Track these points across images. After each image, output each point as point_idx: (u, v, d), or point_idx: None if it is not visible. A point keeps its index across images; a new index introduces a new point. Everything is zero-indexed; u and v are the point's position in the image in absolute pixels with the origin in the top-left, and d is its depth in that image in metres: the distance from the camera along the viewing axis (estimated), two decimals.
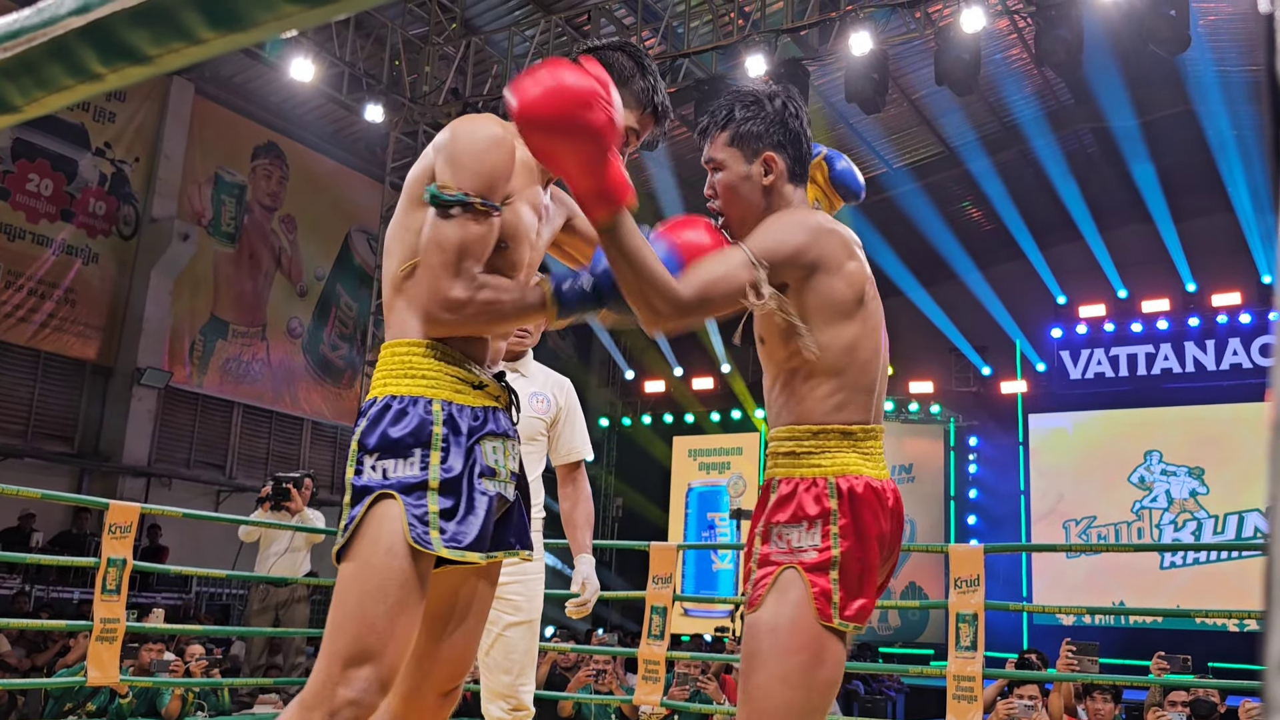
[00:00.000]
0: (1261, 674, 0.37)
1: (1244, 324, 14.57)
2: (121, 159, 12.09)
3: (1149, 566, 14.31)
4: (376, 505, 1.79)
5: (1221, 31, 12.42)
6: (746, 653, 1.88)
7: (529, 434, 3.23)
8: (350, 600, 1.75)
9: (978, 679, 4.38)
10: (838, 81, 10.87)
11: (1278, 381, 0.38)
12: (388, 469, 1.80)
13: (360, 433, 1.84)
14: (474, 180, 1.85)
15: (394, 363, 1.88)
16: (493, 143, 1.88)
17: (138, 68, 0.68)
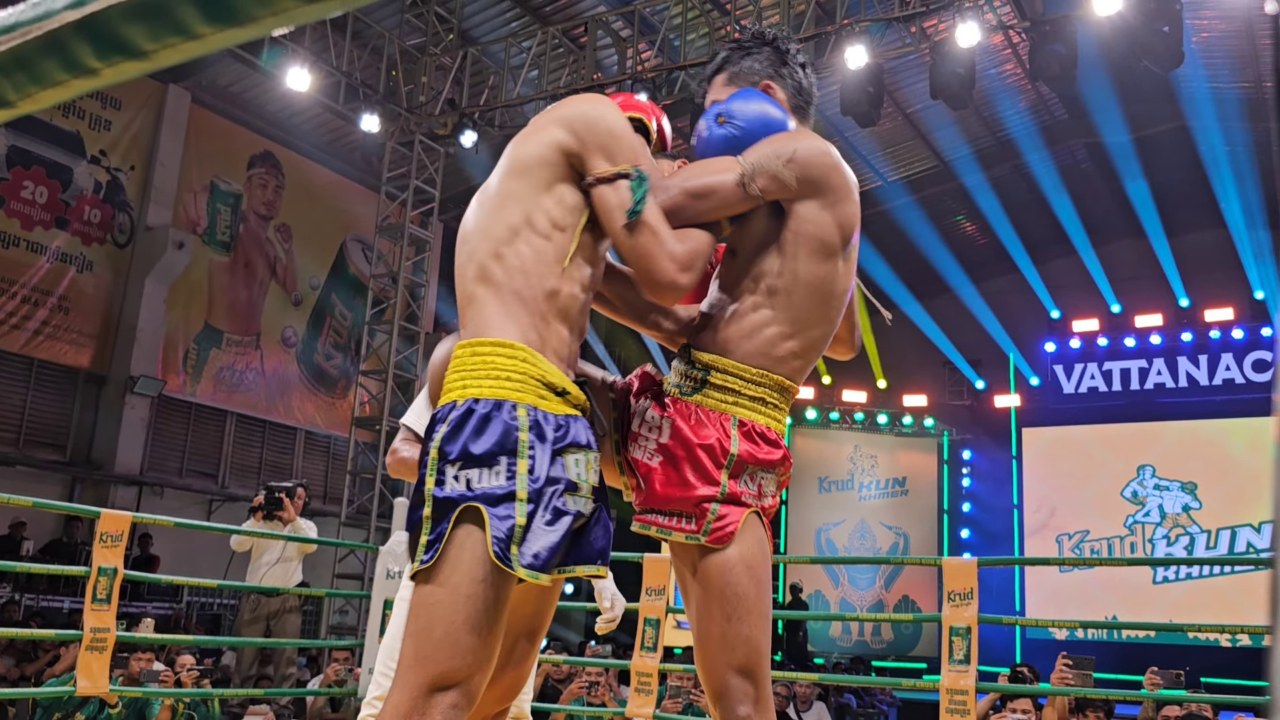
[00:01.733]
0: (1268, 685, 0.36)
1: (1237, 339, 14.62)
2: (117, 167, 12.07)
3: (1142, 581, 14.32)
4: (462, 520, 1.67)
5: (1215, 48, 12.49)
6: (728, 592, 1.85)
7: None
8: (438, 628, 1.64)
9: (970, 693, 4.37)
10: (833, 95, 10.89)
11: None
12: (472, 479, 1.68)
13: (440, 439, 1.71)
14: (634, 157, 1.81)
15: (475, 363, 1.76)
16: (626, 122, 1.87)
17: (134, 63, 0.68)
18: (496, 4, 12.10)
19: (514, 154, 1.85)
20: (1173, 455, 14.65)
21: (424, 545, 1.68)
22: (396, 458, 3.28)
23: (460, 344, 1.79)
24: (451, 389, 1.75)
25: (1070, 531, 15.04)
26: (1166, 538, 14.51)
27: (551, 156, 1.79)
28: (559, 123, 1.82)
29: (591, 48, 11.11)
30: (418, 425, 3.27)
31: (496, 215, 1.80)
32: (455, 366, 1.77)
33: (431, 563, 1.66)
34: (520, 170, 1.81)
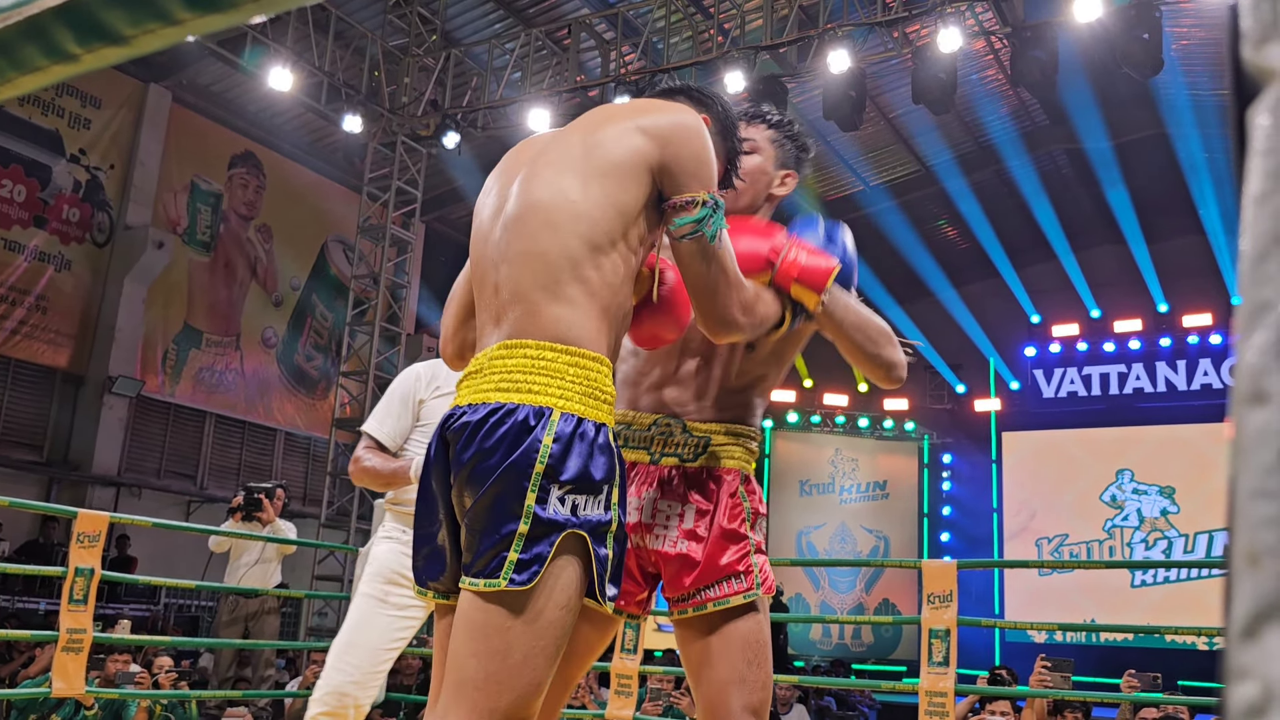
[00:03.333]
0: (1225, 639, 0.37)
1: (1215, 345, 14.73)
2: (96, 166, 12.00)
3: (1120, 584, 14.41)
4: (563, 546, 1.55)
5: (1194, 56, 12.59)
6: (753, 637, 1.95)
7: None
8: (517, 653, 1.53)
9: (950, 695, 4.39)
10: (815, 99, 10.93)
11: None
12: (579, 505, 1.56)
13: (549, 455, 1.55)
14: (713, 184, 1.74)
15: (575, 374, 1.60)
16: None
17: (114, 49, 0.67)
18: (480, 5, 12.09)
19: (596, 152, 1.70)
20: (1151, 460, 14.75)
21: (515, 563, 1.53)
22: (361, 466, 3.15)
23: (550, 345, 1.61)
24: (548, 394, 1.59)
25: (1049, 535, 15.11)
26: (1145, 541, 14.60)
27: (639, 168, 1.68)
28: (649, 134, 1.70)
29: (575, 50, 11.11)
30: (382, 433, 3.17)
31: (587, 215, 1.66)
32: (547, 369, 1.60)
33: (526, 585, 1.53)
34: (608, 173, 1.68)
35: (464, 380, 1.69)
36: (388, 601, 3.01)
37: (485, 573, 1.54)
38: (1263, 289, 0.36)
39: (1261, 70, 0.37)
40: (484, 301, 1.74)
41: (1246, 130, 0.38)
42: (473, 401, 1.62)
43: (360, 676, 2.93)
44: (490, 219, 1.78)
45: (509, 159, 1.87)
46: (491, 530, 1.55)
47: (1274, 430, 0.35)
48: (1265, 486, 0.35)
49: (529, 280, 1.65)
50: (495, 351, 1.64)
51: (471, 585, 1.56)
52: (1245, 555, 0.35)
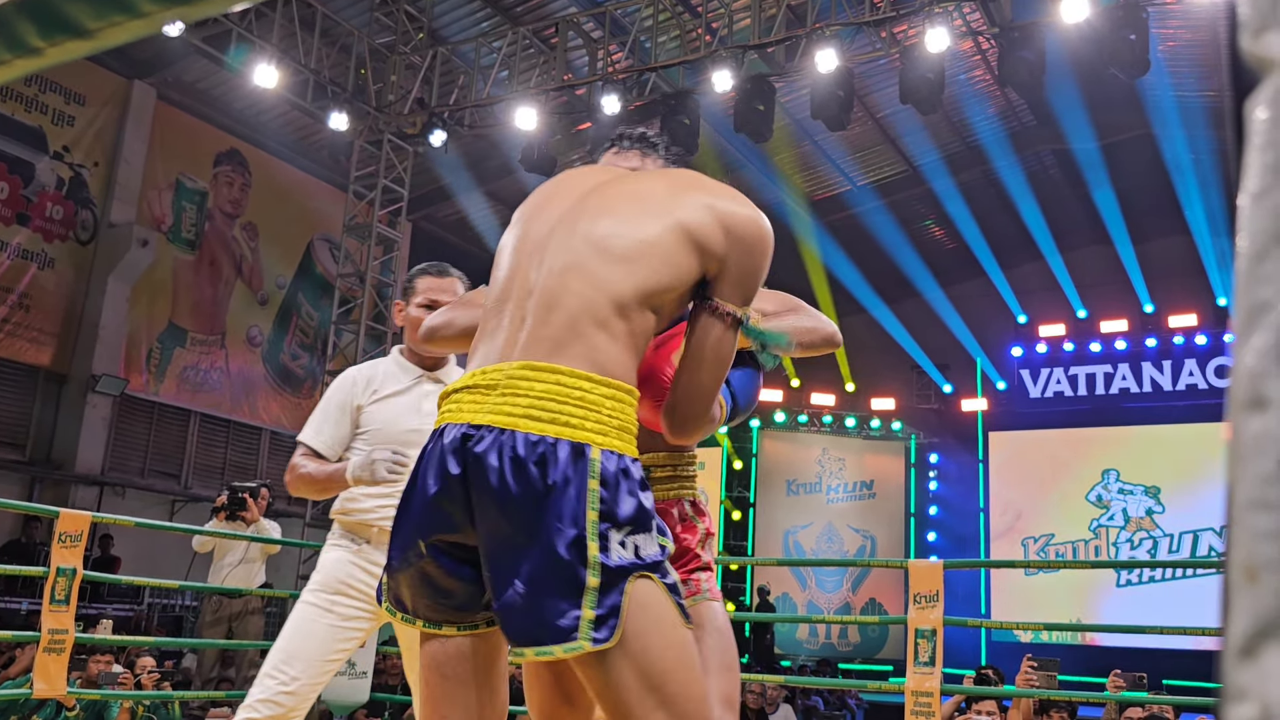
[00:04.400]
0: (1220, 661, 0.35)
1: (1200, 345, 14.79)
2: (80, 163, 11.92)
3: (1105, 584, 14.46)
4: (634, 590, 1.48)
5: (1180, 57, 12.63)
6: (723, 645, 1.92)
7: None
8: (681, 683, 1.49)
9: (936, 695, 4.39)
10: (803, 98, 10.93)
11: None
12: (640, 546, 1.49)
13: (600, 500, 1.47)
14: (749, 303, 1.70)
15: (612, 408, 1.53)
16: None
17: (78, 42, 0.65)
18: (467, 3, 12.05)
19: (678, 210, 1.64)
20: (1137, 460, 14.80)
21: (593, 621, 1.44)
22: (297, 474, 3.03)
23: (585, 375, 1.52)
24: (585, 428, 1.50)
25: (1036, 535, 15.15)
26: (1130, 541, 14.65)
27: (707, 250, 1.63)
28: (722, 222, 1.64)
29: (562, 48, 11.08)
30: (319, 442, 3.06)
31: (652, 261, 1.59)
32: (583, 400, 1.51)
33: (609, 642, 1.44)
34: (682, 235, 1.62)
35: (468, 393, 1.56)
36: (333, 611, 2.91)
37: (560, 636, 1.44)
38: (1261, 289, 0.34)
39: (1260, 60, 0.35)
40: (507, 298, 1.63)
41: (1244, 124, 0.37)
42: (495, 424, 1.50)
43: (297, 688, 2.81)
44: (547, 218, 1.70)
45: (578, 174, 1.82)
46: (550, 588, 1.45)
47: (1273, 437, 0.33)
48: (1264, 497, 0.33)
49: (575, 297, 1.56)
50: (517, 370, 1.52)
51: (541, 654, 1.46)
52: (1243, 570, 0.33)
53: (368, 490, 2.98)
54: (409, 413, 3.06)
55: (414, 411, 3.06)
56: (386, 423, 3.04)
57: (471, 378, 1.57)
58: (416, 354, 3.15)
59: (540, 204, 1.75)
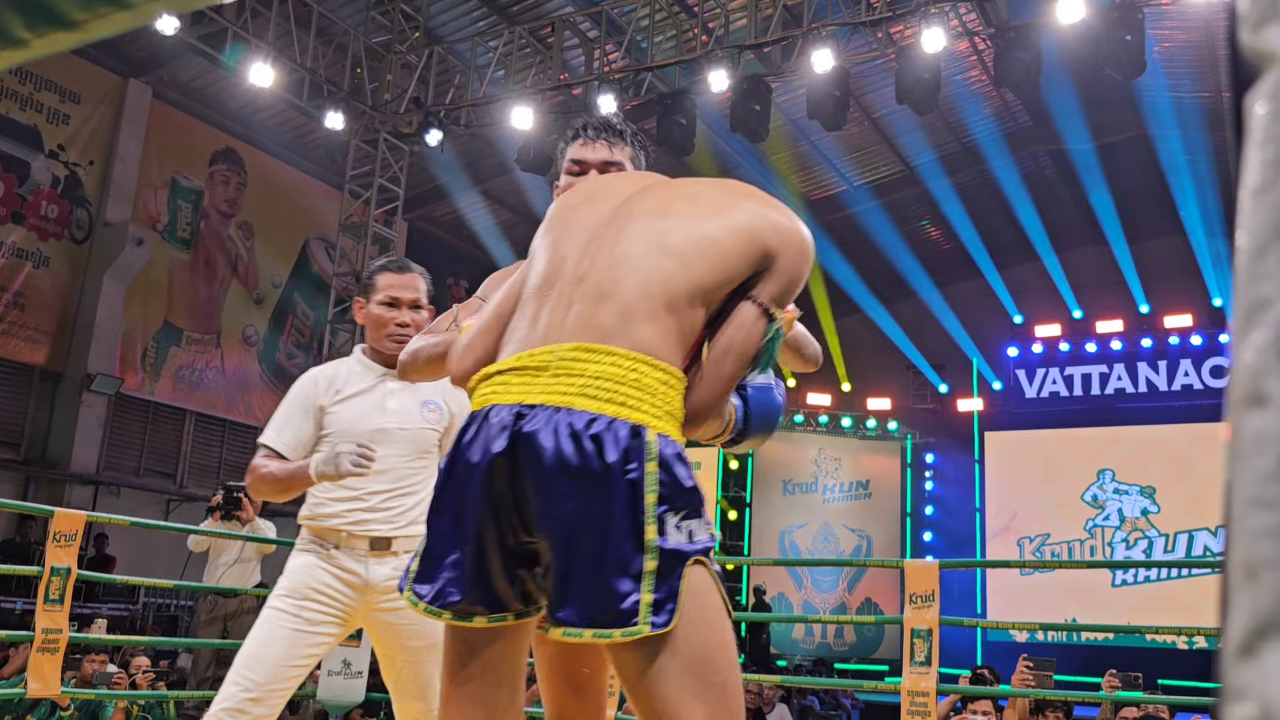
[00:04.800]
0: (1219, 660, 0.35)
1: (1195, 345, 14.82)
2: (75, 162, 11.90)
3: (1101, 584, 14.47)
4: (690, 575, 1.47)
5: (1176, 58, 12.64)
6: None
7: (423, 447, 3.04)
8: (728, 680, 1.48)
9: (931, 694, 4.38)
10: (799, 98, 10.93)
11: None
12: (693, 530, 1.48)
13: (660, 481, 1.45)
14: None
15: (665, 393, 1.52)
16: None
17: (65, 33, 0.65)
18: (463, 3, 12.04)
19: (736, 215, 1.65)
20: (1132, 460, 14.81)
21: (652, 605, 1.42)
22: (258, 475, 2.96)
23: (641, 358, 1.51)
24: (641, 410, 1.48)
25: (1031, 535, 15.17)
26: (1125, 541, 14.67)
27: (757, 256, 1.63)
28: (775, 228, 1.65)
29: (558, 48, 11.08)
30: (280, 443, 2.99)
31: (710, 260, 1.59)
32: (639, 383, 1.50)
33: (668, 627, 1.43)
34: (738, 239, 1.62)
35: (515, 374, 1.53)
36: (299, 617, 2.85)
37: (617, 620, 1.42)
38: (1261, 285, 0.34)
39: (1260, 54, 0.35)
40: (550, 285, 1.61)
41: (1244, 119, 0.36)
42: (549, 403, 1.48)
43: (261, 694, 2.74)
44: (593, 213, 1.69)
45: (617, 178, 1.82)
46: (608, 569, 1.43)
47: (1273, 434, 0.33)
48: (1264, 495, 0.33)
49: (629, 288, 1.55)
50: (569, 351, 1.50)
51: (600, 636, 1.43)
52: (1242, 568, 0.33)
53: (335, 494, 2.94)
54: (373, 412, 3.00)
55: (378, 410, 3.01)
56: (350, 423, 2.97)
57: (516, 360, 1.54)
58: (379, 352, 3.09)
59: (581, 202, 1.74)
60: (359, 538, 2.92)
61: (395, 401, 3.02)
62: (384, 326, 3.05)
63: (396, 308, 3.07)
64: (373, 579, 2.91)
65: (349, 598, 2.90)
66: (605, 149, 2.13)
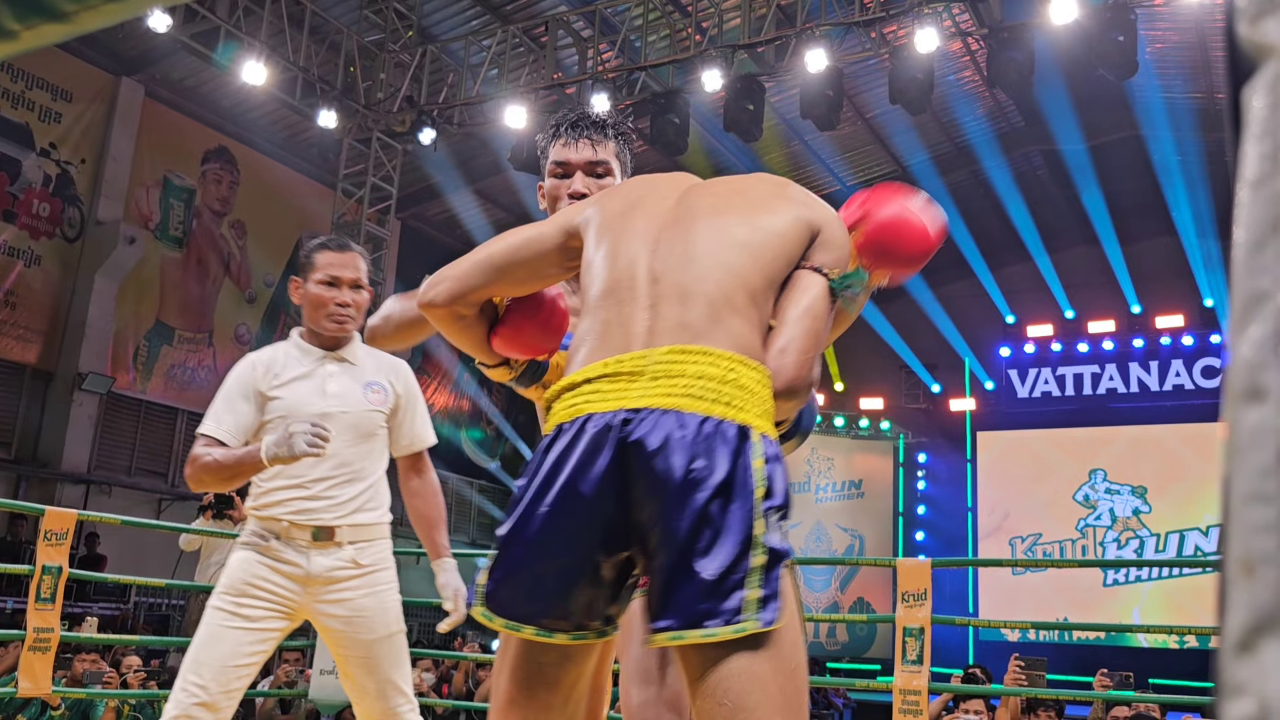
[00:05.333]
0: (1217, 656, 0.34)
1: (1187, 346, 14.86)
2: (67, 160, 11.86)
3: (1092, 583, 14.50)
4: (784, 574, 1.45)
5: (1168, 59, 12.67)
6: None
7: (368, 429, 2.92)
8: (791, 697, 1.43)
9: (923, 693, 4.39)
10: (793, 98, 10.93)
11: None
12: (785, 533, 1.47)
13: (767, 478, 1.44)
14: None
15: (763, 393, 1.50)
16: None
17: (54, 25, 0.64)
18: (456, 2, 12.03)
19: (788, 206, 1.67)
20: (1123, 460, 14.85)
21: (759, 601, 1.40)
22: (202, 464, 2.77)
23: (738, 358, 1.49)
24: (745, 410, 1.46)
25: (1023, 534, 15.19)
26: (1117, 541, 14.70)
27: (808, 239, 1.65)
28: (818, 208, 1.69)
29: (552, 47, 11.07)
30: (221, 431, 2.82)
31: (777, 254, 1.61)
32: (738, 383, 1.48)
33: (776, 625, 1.41)
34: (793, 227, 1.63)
35: (606, 381, 1.49)
36: (240, 615, 2.75)
37: (728, 616, 1.39)
38: (1258, 279, 0.34)
39: (1258, 46, 0.35)
40: (620, 288, 1.57)
41: (1242, 111, 0.36)
42: (654, 406, 1.44)
43: (208, 698, 2.65)
44: (649, 214, 1.66)
45: (658, 179, 1.79)
46: (719, 568, 1.39)
47: (1271, 429, 0.33)
48: (1261, 490, 0.33)
49: (712, 284, 1.54)
50: (664, 355, 1.47)
51: (707, 636, 1.39)
52: (1240, 563, 0.33)
53: (277, 483, 2.82)
54: (314, 396, 2.89)
55: (319, 394, 2.89)
56: (292, 408, 2.85)
57: (604, 366, 1.49)
58: (317, 335, 2.99)
59: (627, 208, 1.69)
60: (302, 528, 2.81)
61: (336, 384, 2.92)
62: (323, 307, 2.94)
63: (336, 287, 2.96)
64: (314, 570, 2.80)
65: (290, 591, 2.80)
66: (589, 148, 2.08)
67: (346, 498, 2.86)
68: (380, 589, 2.90)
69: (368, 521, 2.90)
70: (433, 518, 3.08)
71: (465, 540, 15.68)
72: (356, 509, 2.87)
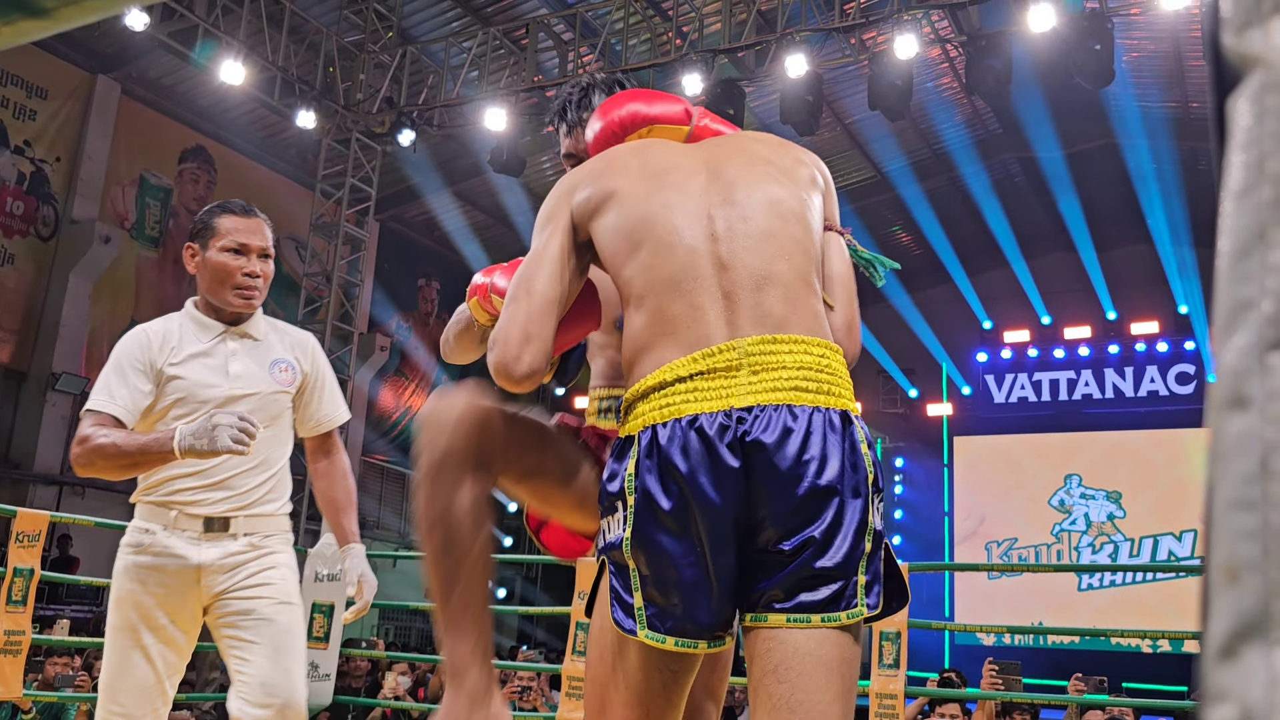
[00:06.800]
0: (1199, 663, 0.35)
1: (1161, 352, 14.98)
2: (42, 158, 11.76)
3: (1067, 588, 14.59)
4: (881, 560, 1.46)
5: (1144, 68, 12.78)
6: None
7: (273, 413, 2.64)
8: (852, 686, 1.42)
9: (899, 697, 4.40)
10: (773, 103, 10.96)
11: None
12: (883, 513, 1.48)
13: (874, 465, 1.45)
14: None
15: (847, 375, 1.51)
16: None
17: (35, 22, 0.63)
18: (437, 3, 12.00)
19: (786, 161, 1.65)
20: (1099, 465, 14.95)
21: (865, 587, 1.40)
22: (94, 445, 2.42)
23: (824, 343, 1.48)
24: (842, 396, 1.46)
25: (999, 539, 15.27)
26: (1092, 545, 14.80)
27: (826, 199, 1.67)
28: (807, 155, 1.70)
29: (533, 49, 11.06)
30: (115, 406, 2.50)
31: (813, 217, 1.60)
32: (829, 368, 1.46)
33: (878, 609, 1.42)
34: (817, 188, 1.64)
35: (703, 379, 1.42)
36: (140, 645, 2.50)
37: (847, 601, 1.39)
38: (1243, 287, 0.34)
39: (1243, 57, 0.35)
40: (686, 277, 1.49)
41: (1226, 121, 0.36)
42: (765, 403, 1.40)
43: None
44: (683, 189, 1.57)
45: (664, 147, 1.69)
46: (837, 553, 1.39)
47: (1255, 436, 0.33)
48: (1245, 496, 0.33)
49: (783, 264, 1.50)
50: (755, 346, 1.42)
51: (829, 620, 1.38)
52: (1223, 570, 0.33)
53: (181, 470, 2.50)
54: (215, 376, 2.60)
55: (220, 374, 2.60)
56: (189, 389, 2.55)
57: (692, 363, 1.43)
58: (215, 307, 2.67)
59: (655, 178, 1.59)
60: (192, 517, 2.53)
61: (239, 364, 2.64)
62: (229, 277, 2.62)
63: (244, 255, 2.64)
64: (204, 560, 2.52)
65: (180, 592, 2.53)
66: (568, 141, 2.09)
67: (249, 487, 2.58)
68: (278, 572, 2.61)
69: (268, 513, 2.64)
70: (341, 501, 2.82)
71: None
72: (258, 499, 2.60)
